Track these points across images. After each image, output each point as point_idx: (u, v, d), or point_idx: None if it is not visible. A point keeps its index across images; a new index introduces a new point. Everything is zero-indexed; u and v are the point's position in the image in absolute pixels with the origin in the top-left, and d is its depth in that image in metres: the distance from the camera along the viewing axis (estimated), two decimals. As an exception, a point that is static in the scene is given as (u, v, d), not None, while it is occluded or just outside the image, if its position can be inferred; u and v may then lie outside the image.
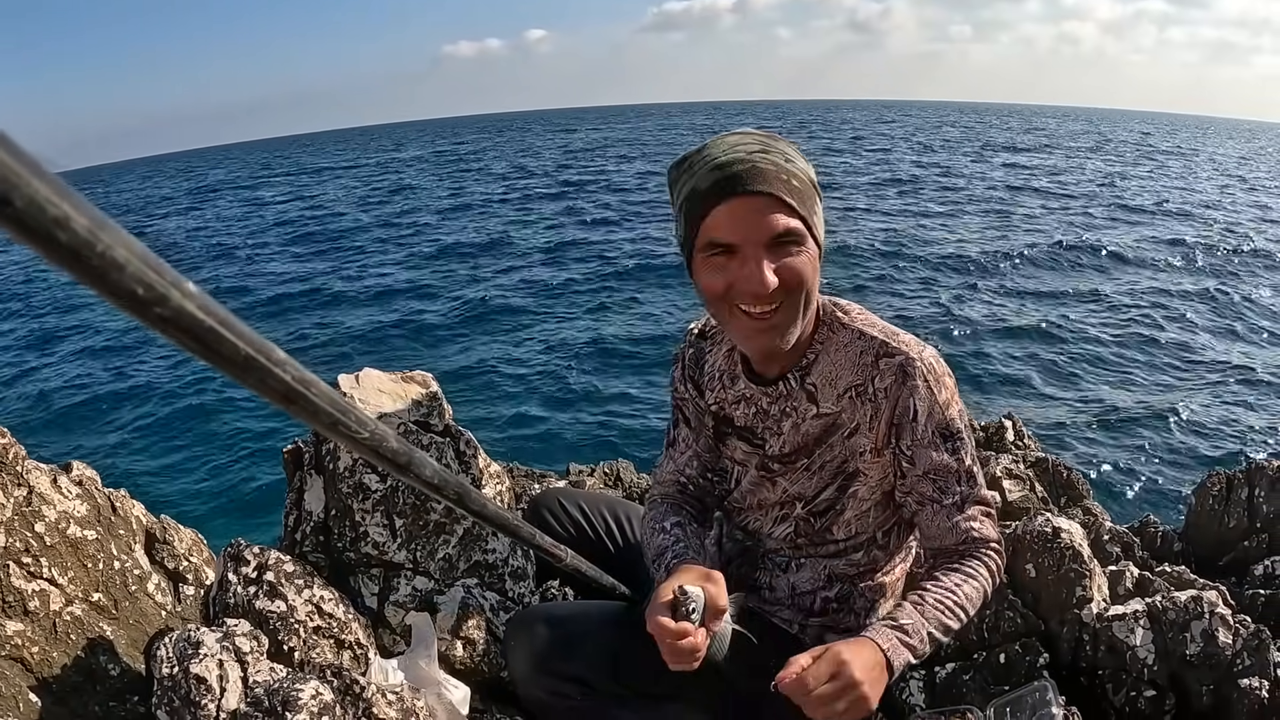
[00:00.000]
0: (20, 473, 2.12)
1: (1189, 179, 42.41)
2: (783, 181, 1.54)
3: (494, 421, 11.39)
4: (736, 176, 1.53)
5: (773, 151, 1.57)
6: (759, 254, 1.55)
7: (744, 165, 1.53)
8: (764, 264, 1.55)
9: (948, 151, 53.63)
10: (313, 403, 0.69)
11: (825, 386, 1.77)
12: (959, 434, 1.75)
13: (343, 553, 2.38)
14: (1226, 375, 13.02)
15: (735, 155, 1.55)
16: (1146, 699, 2.33)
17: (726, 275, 1.58)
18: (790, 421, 1.81)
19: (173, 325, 0.52)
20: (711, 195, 1.55)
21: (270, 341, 0.62)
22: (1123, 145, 67.93)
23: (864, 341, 1.74)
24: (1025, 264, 20.10)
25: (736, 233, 1.55)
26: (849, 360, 1.75)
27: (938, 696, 2.44)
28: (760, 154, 1.55)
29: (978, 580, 1.76)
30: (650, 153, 55.39)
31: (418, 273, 21.85)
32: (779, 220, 1.54)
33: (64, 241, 0.43)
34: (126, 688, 2.05)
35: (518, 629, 2.05)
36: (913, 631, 1.63)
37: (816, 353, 1.78)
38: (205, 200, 50.52)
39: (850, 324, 1.77)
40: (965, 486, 1.77)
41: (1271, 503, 3.30)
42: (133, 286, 0.48)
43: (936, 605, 1.69)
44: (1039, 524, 2.61)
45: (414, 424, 2.44)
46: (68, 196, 0.42)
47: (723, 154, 1.56)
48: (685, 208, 1.61)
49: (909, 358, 1.70)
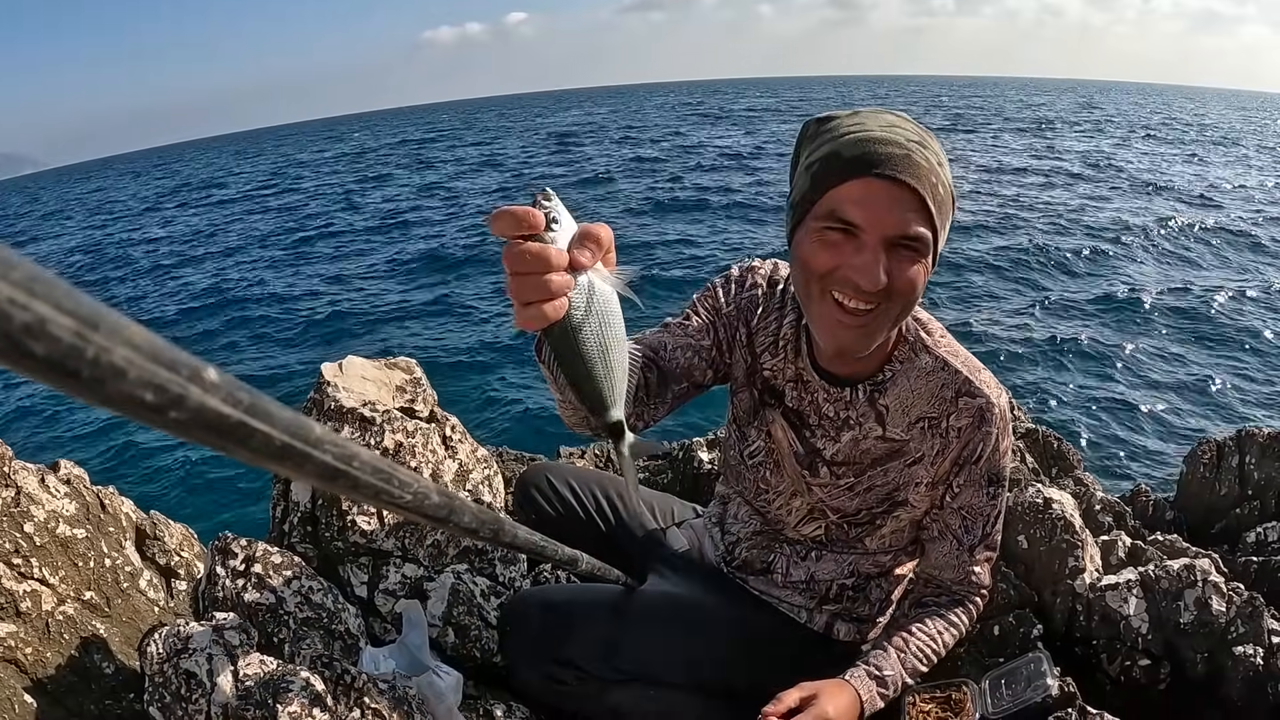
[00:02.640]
0: (7, 473, 2.11)
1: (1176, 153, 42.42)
2: (930, 184, 1.42)
3: (482, 405, 11.36)
4: (889, 157, 1.40)
5: (929, 149, 1.45)
6: (879, 247, 1.43)
7: (899, 149, 1.40)
8: (880, 259, 1.43)
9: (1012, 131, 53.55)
10: (355, 478, 0.59)
11: (898, 412, 1.72)
12: (1003, 482, 1.78)
13: (331, 542, 2.37)
14: (1217, 343, 13.05)
15: (892, 135, 1.42)
16: (1141, 668, 2.33)
17: (836, 256, 1.46)
18: (851, 434, 1.76)
19: (193, 427, 0.43)
20: (855, 166, 1.41)
21: (304, 417, 0.52)
22: (1105, 119, 67.85)
23: (946, 374, 1.69)
24: (1013, 236, 20.09)
25: (866, 215, 1.42)
26: (928, 390, 1.69)
27: (932, 669, 2.44)
28: (918, 145, 1.43)
29: (959, 629, 1.88)
30: (636, 134, 55.20)
31: (399, 258, 21.77)
32: (913, 221, 1.42)
33: (41, 354, 0.33)
34: (122, 685, 2.04)
35: (513, 614, 2.05)
36: (890, 683, 1.75)
37: (895, 372, 1.70)
38: (173, 197, 50.28)
39: (934, 349, 1.70)
40: (987, 530, 1.81)
41: (1263, 469, 3.31)
42: (139, 394, 0.38)
43: (918, 654, 1.81)
44: (1030, 495, 2.61)
45: (399, 410, 2.43)
46: (41, 291, 0.32)
47: (878, 129, 1.43)
48: (817, 168, 1.46)
49: (989, 403, 1.68)
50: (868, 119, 1.46)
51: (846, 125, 1.46)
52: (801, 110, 72.37)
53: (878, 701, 1.71)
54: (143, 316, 19.06)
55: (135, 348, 0.37)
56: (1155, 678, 2.33)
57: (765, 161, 34.79)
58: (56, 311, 0.33)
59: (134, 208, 47.24)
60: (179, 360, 0.41)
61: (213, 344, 16.18)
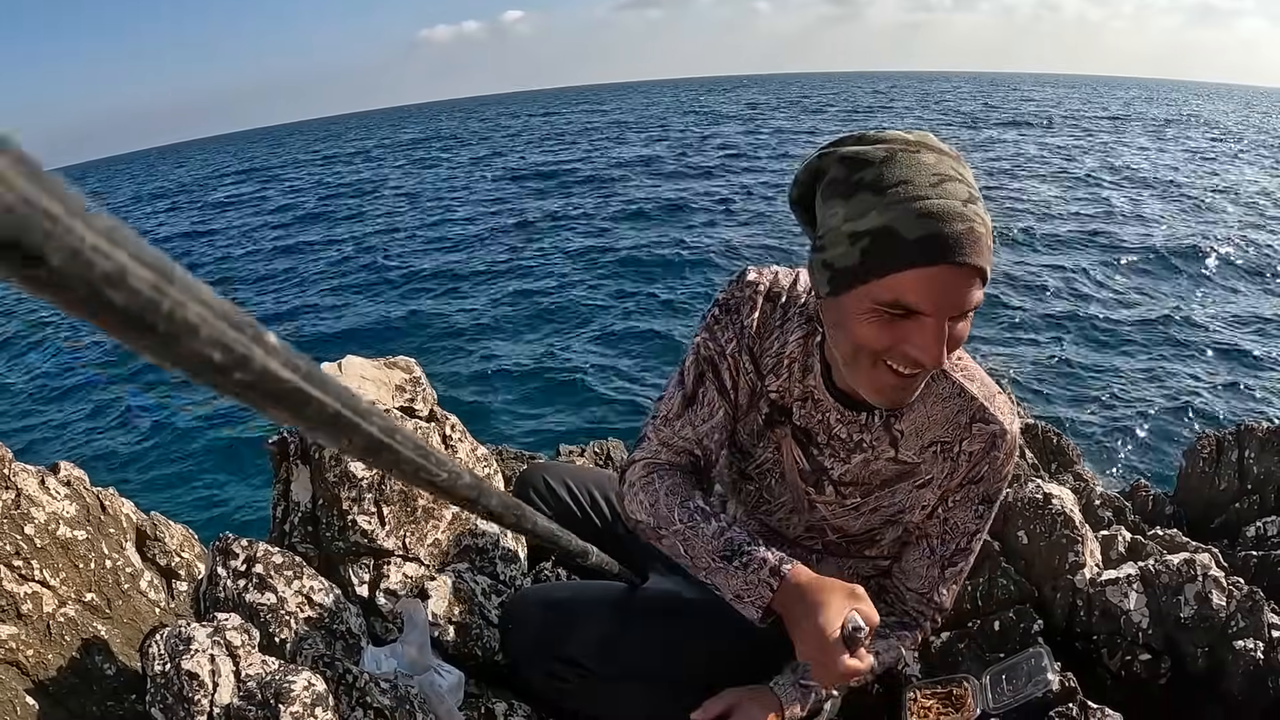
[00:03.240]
0: (7, 475, 2.11)
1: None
2: (988, 248, 1.32)
3: (481, 404, 11.38)
4: (957, 241, 1.28)
5: (977, 198, 1.33)
6: (943, 325, 1.35)
7: (962, 226, 1.29)
8: (944, 337, 1.36)
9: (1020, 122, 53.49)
10: (398, 453, 0.59)
11: (912, 436, 1.69)
12: (994, 504, 1.77)
13: (331, 542, 2.37)
14: (1216, 338, 13.05)
15: (950, 205, 1.29)
16: (1142, 663, 2.34)
17: (894, 335, 1.38)
18: (862, 456, 1.72)
19: (254, 390, 0.42)
20: (921, 252, 1.29)
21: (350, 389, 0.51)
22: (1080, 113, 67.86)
23: (963, 399, 1.65)
24: (1017, 230, 20.10)
25: (932, 302, 1.33)
26: (944, 415, 1.67)
27: (933, 665, 2.45)
28: (972, 205, 1.31)
29: (899, 653, 1.86)
30: (631, 133, 55.18)
31: (399, 257, 21.78)
32: (976, 295, 1.35)
33: (120, 305, 0.32)
34: (123, 687, 2.04)
35: (514, 612, 2.05)
36: (815, 693, 1.77)
37: (915, 397, 1.64)
38: (174, 196, 50.30)
39: (952, 374, 1.66)
40: (962, 548, 1.80)
41: (1262, 464, 3.31)
42: (208, 352, 0.37)
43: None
44: (1030, 491, 2.61)
45: (398, 410, 2.43)
46: (121, 240, 0.31)
47: (934, 194, 1.30)
48: (868, 245, 1.33)
49: (1003, 429, 1.66)
50: (913, 171, 1.32)
51: (895, 187, 1.31)
52: (802, 107, 72.38)
53: (797, 711, 1.74)
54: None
55: (207, 305, 0.37)
56: (1156, 672, 2.33)
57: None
58: (136, 263, 0.32)
59: (131, 207, 47.24)
60: (243, 321, 0.40)
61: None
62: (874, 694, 2.45)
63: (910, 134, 1.39)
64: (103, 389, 14.44)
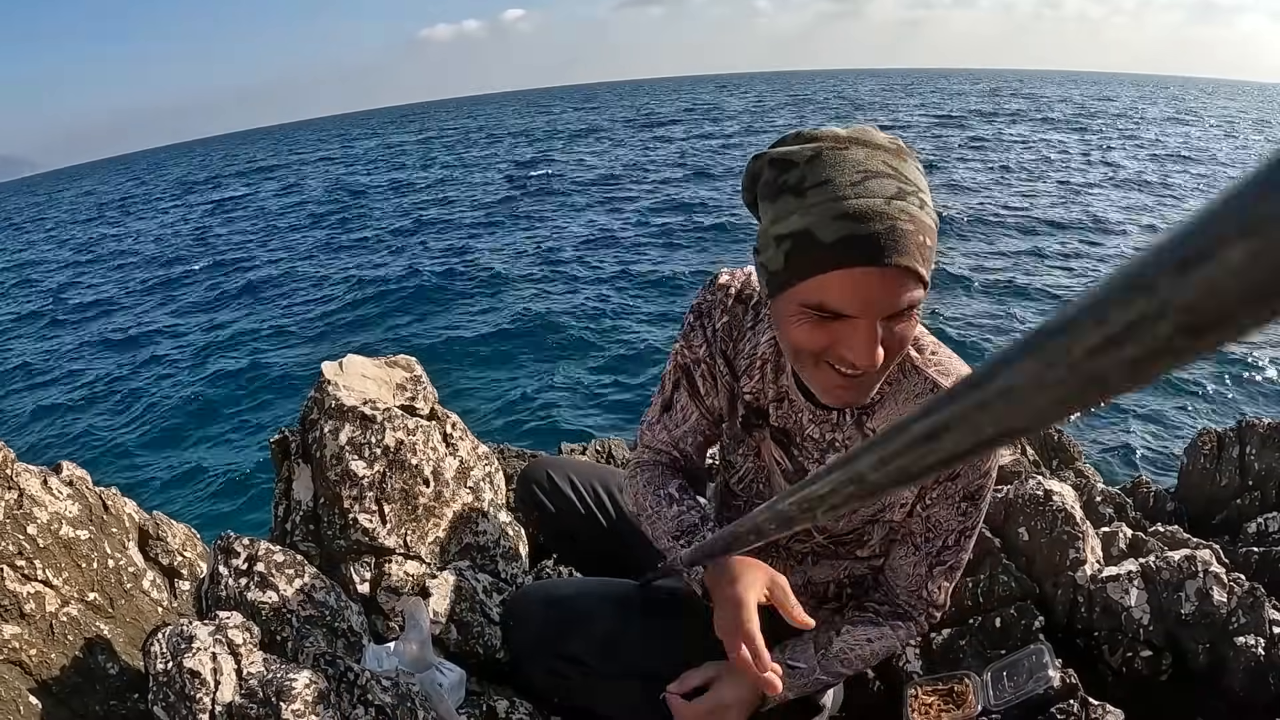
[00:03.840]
0: (10, 475, 2.11)
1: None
2: (919, 245, 1.26)
3: (482, 403, 11.40)
4: (873, 241, 1.24)
5: (909, 192, 1.27)
6: (874, 326, 1.31)
7: (882, 225, 1.23)
8: (876, 336, 1.32)
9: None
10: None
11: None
12: (980, 501, 1.71)
13: (333, 540, 2.38)
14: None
15: (870, 204, 1.24)
16: (1143, 659, 2.34)
17: (826, 336, 1.35)
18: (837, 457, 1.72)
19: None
20: (836, 255, 1.26)
21: None
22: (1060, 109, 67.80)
23: (936, 393, 1.59)
24: (1012, 224, 20.09)
25: (856, 305, 1.29)
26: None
27: (934, 662, 2.45)
28: (898, 202, 1.25)
29: (891, 644, 1.79)
30: (625, 132, 55.16)
31: (400, 257, 21.80)
32: (906, 295, 1.29)
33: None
34: (126, 685, 2.04)
35: (516, 609, 2.05)
36: (800, 676, 1.70)
37: (884, 394, 1.62)
38: (177, 196, 50.30)
39: (924, 369, 1.61)
40: (949, 551, 1.75)
41: (1263, 460, 3.31)
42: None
43: (840, 656, 1.73)
44: (1030, 487, 2.61)
45: (399, 408, 2.43)
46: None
47: (853, 193, 1.25)
48: (790, 247, 1.30)
49: None
50: (836, 169, 1.28)
51: (816, 186, 1.28)
52: (803, 104, 72.38)
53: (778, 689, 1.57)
54: (146, 317, 19.09)
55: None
56: (1157, 669, 2.33)
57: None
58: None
59: (125, 209, 47.25)
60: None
61: (212, 345, 16.19)
62: (875, 691, 2.45)
63: (846, 130, 1.34)
64: (105, 389, 14.46)
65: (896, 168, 1.29)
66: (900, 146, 1.34)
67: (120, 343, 17.40)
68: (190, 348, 16.23)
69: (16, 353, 18.06)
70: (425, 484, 2.42)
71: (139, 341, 17.25)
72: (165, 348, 16.52)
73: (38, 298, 23.91)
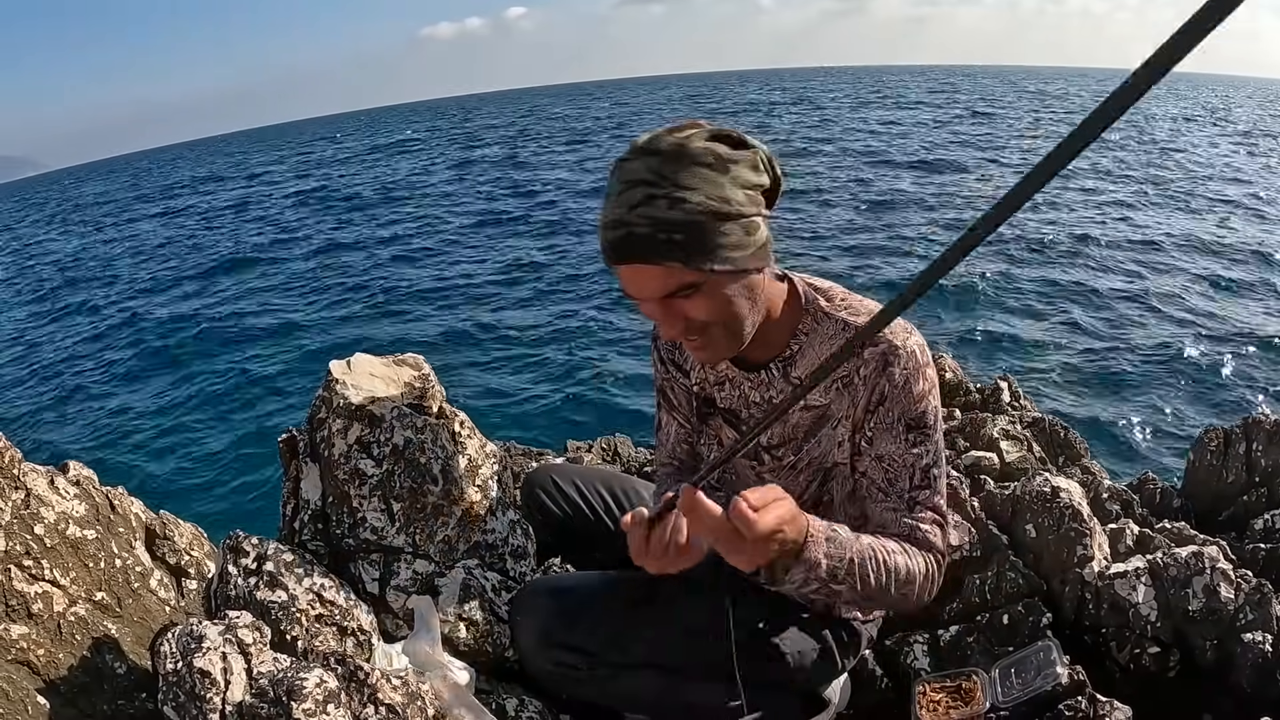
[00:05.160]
0: (17, 476, 2.12)
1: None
2: (660, 244, 1.45)
3: (490, 401, 11.38)
4: (613, 246, 1.49)
5: (658, 197, 1.44)
6: (656, 309, 1.56)
7: (619, 233, 1.47)
8: (663, 316, 1.56)
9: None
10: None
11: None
12: (926, 430, 1.69)
13: (342, 539, 2.38)
14: (1222, 330, 13.03)
15: (615, 214, 1.47)
16: (1151, 655, 2.34)
17: (650, 316, 1.60)
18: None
19: None
20: (604, 257, 1.55)
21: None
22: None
23: (849, 333, 1.70)
24: (1016, 224, 20.07)
25: (632, 292, 1.56)
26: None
27: (942, 659, 2.45)
28: (641, 208, 1.44)
29: (910, 563, 1.61)
30: (628, 127, 55.17)
31: (406, 256, 21.80)
32: (661, 283, 1.51)
33: None
34: (134, 685, 2.05)
35: (522, 602, 2.06)
36: (840, 545, 1.48)
37: (801, 344, 1.75)
38: (179, 196, 50.34)
39: (834, 313, 1.74)
40: (917, 488, 1.69)
41: (1270, 456, 3.31)
42: None
43: (872, 550, 1.55)
44: (1038, 484, 2.61)
45: (407, 407, 2.43)
46: None
47: (608, 206, 1.50)
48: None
49: (892, 345, 1.66)
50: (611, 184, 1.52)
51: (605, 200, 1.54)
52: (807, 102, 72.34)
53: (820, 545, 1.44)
54: (151, 316, 19.12)
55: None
56: (1164, 665, 2.34)
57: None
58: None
59: (124, 209, 47.33)
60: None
61: (220, 344, 16.20)
62: (883, 688, 2.46)
63: (643, 137, 1.51)
64: (110, 388, 14.47)
65: (657, 176, 1.45)
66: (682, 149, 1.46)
67: (124, 342, 17.40)
68: (197, 346, 16.22)
69: (21, 352, 18.08)
70: (433, 482, 2.42)
71: (144, 340, 17.24)
72: (170, 347, 16.50)
73: (42, 297, 23.94)
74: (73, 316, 20.76)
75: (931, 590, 1.65)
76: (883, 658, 2.52)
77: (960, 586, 2.61)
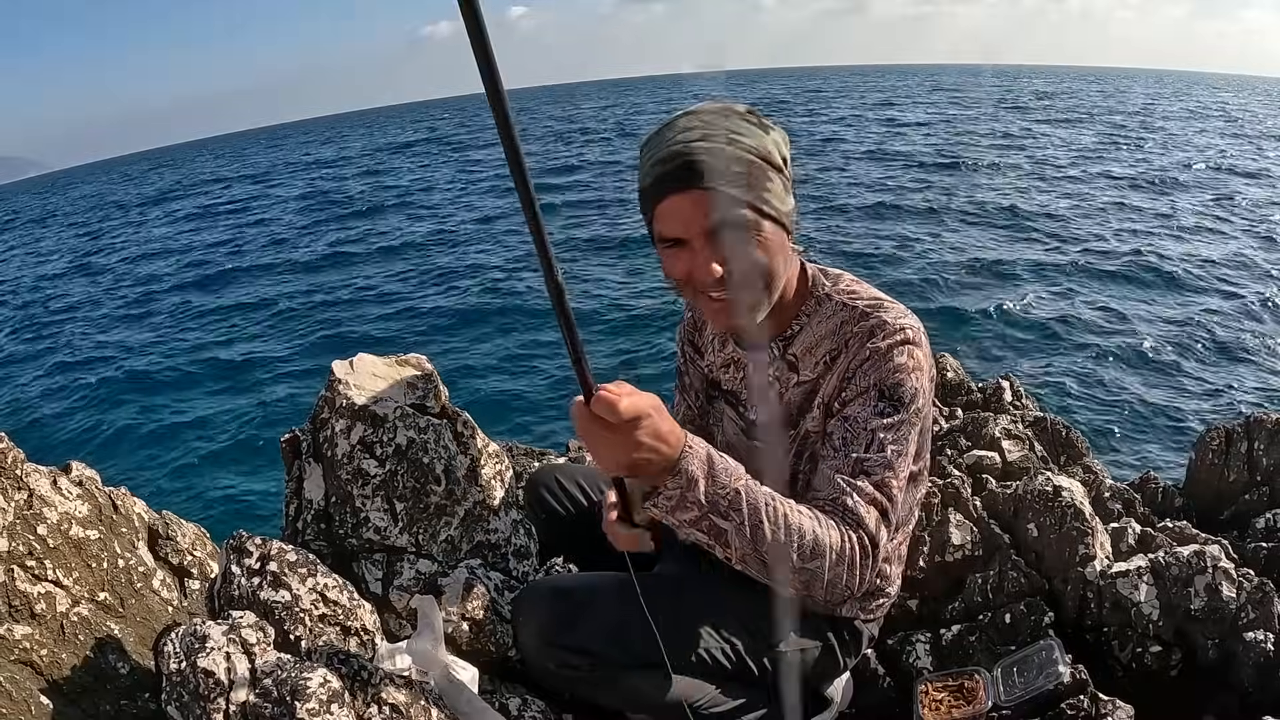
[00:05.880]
0: (20, 476, 2.12)
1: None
2: (720, 171, 1.53)
3: (493, 401, 11.40)
4: (672, 173, 1.54)
5: (715, 135, 1.55)
6: (704, 245, 1.58)
7: (678, 161, 1.53)
8: (710, 255, 1.58)
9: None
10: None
11: (806, 356, 1.79)
12: (899, 404, 1.65)
13: (345, 539, 2.39)
14: (1224, 328, 13.02)
15: (673, 149, 1.55)
16: (1153, 654, 2.34)
17: (682, 264, 1.62)
18: (774, 391, 1.85)
19: None
20: (653, 193, 1.58)
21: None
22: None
23: (846, 311, 1.75)
24: (1021, 225, 20.06)
25: (679, 228, 1.58)
26: (830, 330, 1.76)
27: (944, 658, 2.45)
28: (699, 143, 1.54)
29: (820, 530, 1.51)
30: (623, 128, 55.14)
31: (407, 256, 21.80)
32: (718, 212, 1.54)
33: None
34: (137, 685, 2.05)
35: (524, 603, 2.06)
36: (723, 470, 1.44)
37: (801, 325, 1.80)
38: (181, 196, 50.31)
39: (836, 295, 1.79)
40: (870, 453, 1.63)
41: (1271, 455, 3.30)
42: None
43: (769, 496, 1.49)
44: (1039, 483, 2.61)
45: (410, 407, 2.43)
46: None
47: (664, 145, 1.57)
48: (639, 203, 1.66)
49: (881, 320, 1.69)
50: (659, 136, 1.60)
51: (647, 153, 1.61)
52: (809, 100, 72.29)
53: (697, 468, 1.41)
54: (154, 316, 19.12)
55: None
56: (1166, 664, 2.34)
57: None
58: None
59: (118, 212, 47.31)
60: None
61: (222, 343, 16.21)
62: (885, 687, 2.46)
63: (693, 108, 1.63)
64: (113, 388, 14.48)
65: (710, 123, 1.57)
66: (730, 108, 1.62)
67: (128, 341, 17.43)
68: (200, 346, 16.25)
69: (24, 353, 18.09)
70: (436, 482, 2.43)
71: (147, 339, 17.28)
72: (174, 346, 16.54)
73: (45, 296, 23.96)
74: (76, 316, 20.77)
75: (851, 580, 1.54)
76: (885, 657, 2.52)
77: (962, 586, 2.61)
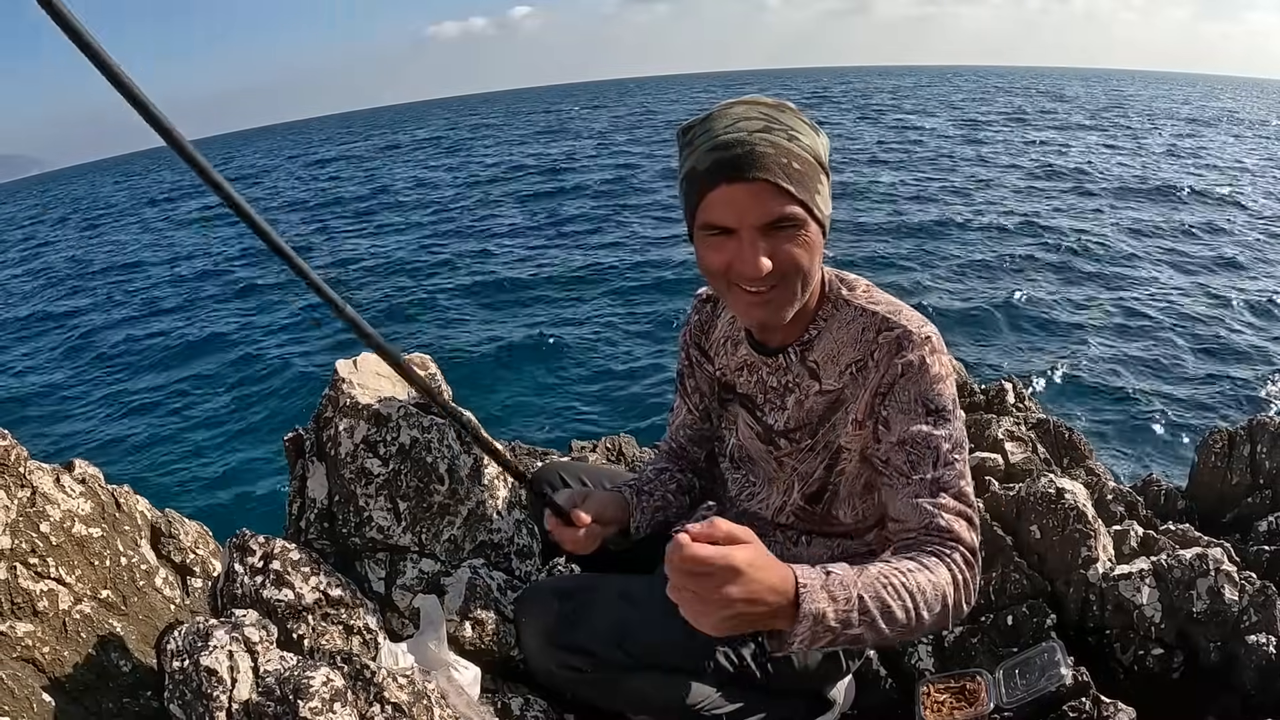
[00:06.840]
0: (23, 474, 2.12)
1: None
2: (782, 166, 1.49)
3: (495, 400, 11.40)
4: (733, 161, 1.49)
5: (776, 129, 1.52)
6: (755, 238, 1.53)
7: (743, 148, 1.49)
8: (759, 248, 1.53)
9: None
10: None
11: (828, 363, 1.76)
12: (945, 414, 1.64)
13: (348, 538, 2.39)
14: (1227, 332, 13.01)
15: (735, 135, 1.50)
16: (1155, 657, 2.34)
17: (724, 255, 1.57)
18: (794, 397, 1.81)
19: None
20: (708, 178, 1.52)
21: None
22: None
23: (866, 318, 1.72)
24: (1021, 230, 20.05)
25: (731, 217, 1.53)
26: (851, 337, 1.73)
27: (946, 660, 2.45)
28: (762, 134, 1.50)
29: (933, 575, 1.47)
30: (640, 131, 55.15)
31: (412, 254, 21.80)
32: (775, 207, 1.51)
33: None
34: (139, 683, 2.05)
35: (526, 604, 2.06)
36: (839, 584, 1.33)
37: (819, 330, 1.77)
38: (183, 195, 50.29)
39: (854, 300, 1.75)
40: (940, 470, 1.60)
41: (1274, 458, 3.31)
42: None
43: (880, 578, 1.40)
44: (1042, 485, 2.61)
45: (413, 406, 2.44)
46: None
47: (723, 131, 1.52)
48: (685, 185, 1.60)
49: (907, 331, 1.66)
50: (716, 120, 1.56)
51: (701, 134, 1.57)
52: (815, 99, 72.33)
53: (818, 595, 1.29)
54: (157, 314, 19.13)
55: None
56: (1168, 667, 2.34)
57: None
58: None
59: (128, 209, 47.33)
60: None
61: (226, 342, 16.21)
62: (887, 688, 2.46)
63: (747, 97, 1.61)
64: (116, 386, 14.48)
65: (771, 115, 1.54)
66: (784, 104, 1.59)
67: (130, 340, 17.43)
68: (202, 345, 16.25)
69: (27, 351, 18.10)
70: (439, 482, 2.43)
71: (151, 338, 17.27)
72: (177, 344, 16.54)
73: (48, 295, 23.97)
74: (79, 315, 20.78)
75: (969, 597, 1.53)
76: (887, 658, 2.52)
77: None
